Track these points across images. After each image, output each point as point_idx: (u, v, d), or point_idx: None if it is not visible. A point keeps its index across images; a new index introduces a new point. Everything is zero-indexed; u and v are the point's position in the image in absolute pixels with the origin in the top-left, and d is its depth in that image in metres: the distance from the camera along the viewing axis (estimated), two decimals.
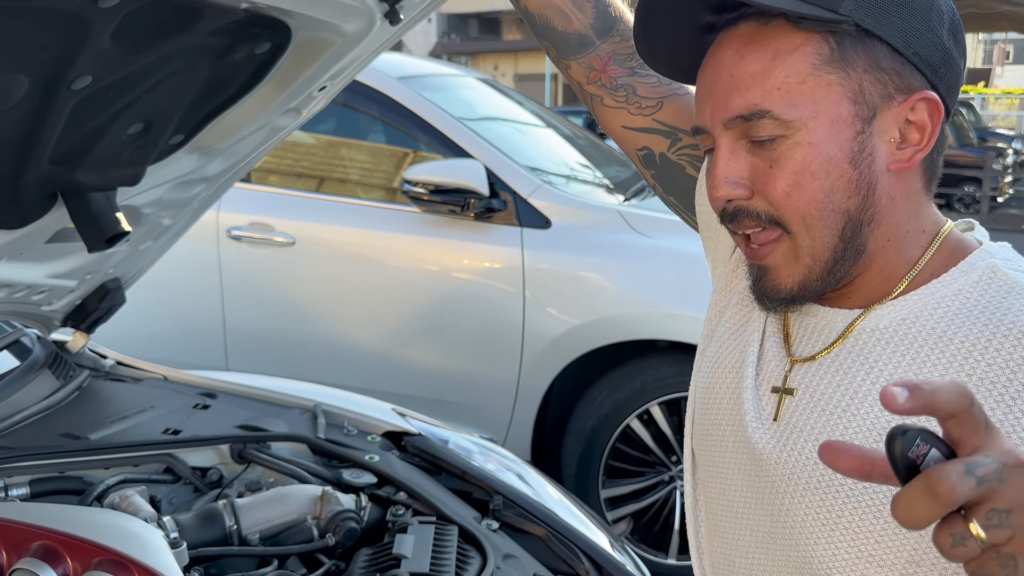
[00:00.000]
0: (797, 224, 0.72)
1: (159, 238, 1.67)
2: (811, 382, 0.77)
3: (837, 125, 0.70)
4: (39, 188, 1.19)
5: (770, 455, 0.78)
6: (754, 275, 0.77)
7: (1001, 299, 0.71)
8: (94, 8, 0.88)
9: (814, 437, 0.75)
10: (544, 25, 0.97)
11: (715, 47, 0.74)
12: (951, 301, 0.73)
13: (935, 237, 0.76)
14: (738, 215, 0.74)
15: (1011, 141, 13.58)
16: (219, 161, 1.46)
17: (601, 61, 0.96)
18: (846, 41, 0.69)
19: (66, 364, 1.73)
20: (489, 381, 2.79)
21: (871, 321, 0.76)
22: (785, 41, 0.70)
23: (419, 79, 3.15)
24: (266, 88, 1.28)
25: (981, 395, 0.68)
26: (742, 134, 0.72)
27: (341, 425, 1.67)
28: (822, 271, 0.73)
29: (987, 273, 0.73)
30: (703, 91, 0.74)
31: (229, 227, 2.99)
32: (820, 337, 0.79)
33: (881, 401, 0.46)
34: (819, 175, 0.70)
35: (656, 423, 2.64)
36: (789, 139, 0.70)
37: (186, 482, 1.51)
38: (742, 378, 0.83)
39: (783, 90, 0.69)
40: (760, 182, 0.72)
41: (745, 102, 0.70)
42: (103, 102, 1.07)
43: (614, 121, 0.98)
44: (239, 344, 3.05)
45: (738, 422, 0.82)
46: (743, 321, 0.87)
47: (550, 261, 2.72)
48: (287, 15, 1.10)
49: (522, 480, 1.64)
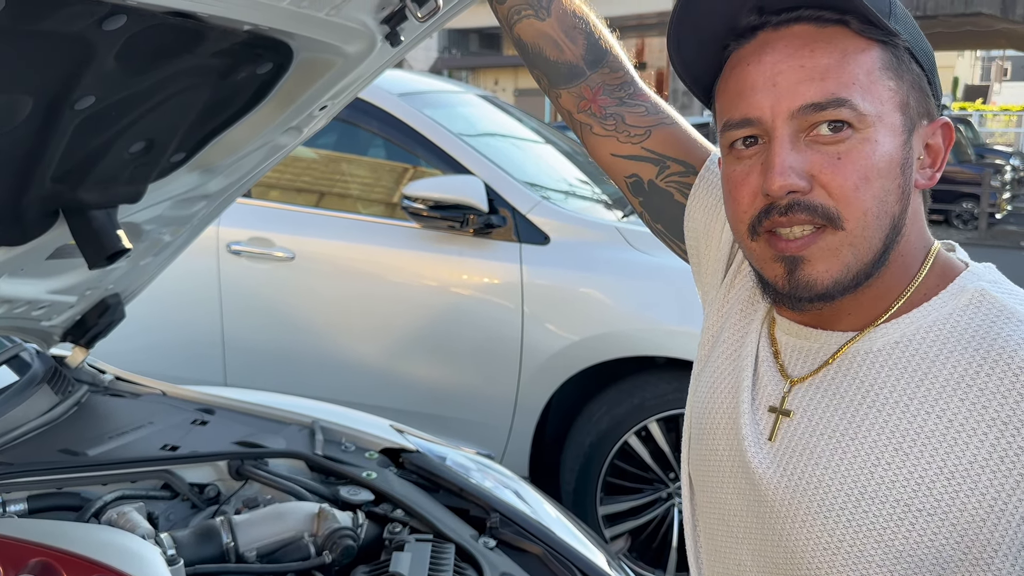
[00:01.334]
0: (856, 220, 0.71)
1: (159, 254, 1.67)
2: (808, 403, 0.78)
3: (894, 129, 0.72)
4: (41, 206, 1.20)
5: (769, 480, 0.78)
6: (783, 270, 0.74)
7: (991, 324, 0.72)
8: (98, 31, 0.89)
9: (813, 461, 0.75)
10: (536, 54, 0.99)
11: (762, 44, 0.74)
12: (943, 325, 0.74)
13: (927, 255, 0.78)
14: (793, 208, 0.72)
15: (1009, 158, 13.64)
16: (220, 178, 1.47)
17: (591, 91, 0.98)
18: (899, 55, 0.73)
19: (65, 379, 1.73)
20: (488, 396, 2.79)
21: (865, 343, 0.77)
22: (851, 43, 0.72)
23: (419, 96, 3.16)
24: (267, 107, 1.29)
25: (974, 420, 0.69)
26: (805, 127, 0.72)
27: (339, 442, 1.67)
28: (859, 271, 0.73)
29: (976, 296, 0.74)
30: (760, 82, 0.73)
31: (229, 242, 3.00)
32: (814, 358, 0.80)
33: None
34: (883, 174, 0.71)
35: (654, 440, 2.64)
36: (859, 134, 0.71)
37: (184, 498, 1.51)
38: (739, 402, 0.83)
39: (857, 85, 0.71)
40: (827, 175, 0.71)
41: (822, 90, 0.71)
42: (106, 121, 1.08)
43: (603, 149, 1.00)
44: (238, 358, 3.05)
45: (736, 446, 0.82)
46: (738, 346, 0.87)
47: (549, 277, 2.73)
48: (289, 36, 1.12)
49: (519, 498, 1.64)
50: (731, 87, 0.76)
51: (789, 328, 0.83)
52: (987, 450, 0.68)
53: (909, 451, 0.71)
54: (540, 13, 0.97)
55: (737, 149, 0.76)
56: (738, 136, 0.75)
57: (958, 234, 11.51)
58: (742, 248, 0.80)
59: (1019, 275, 4.10)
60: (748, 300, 0.89)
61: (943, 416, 0.70)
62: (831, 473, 0.74)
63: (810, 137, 0.72)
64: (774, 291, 0.77)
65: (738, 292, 0.90)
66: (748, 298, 0.89)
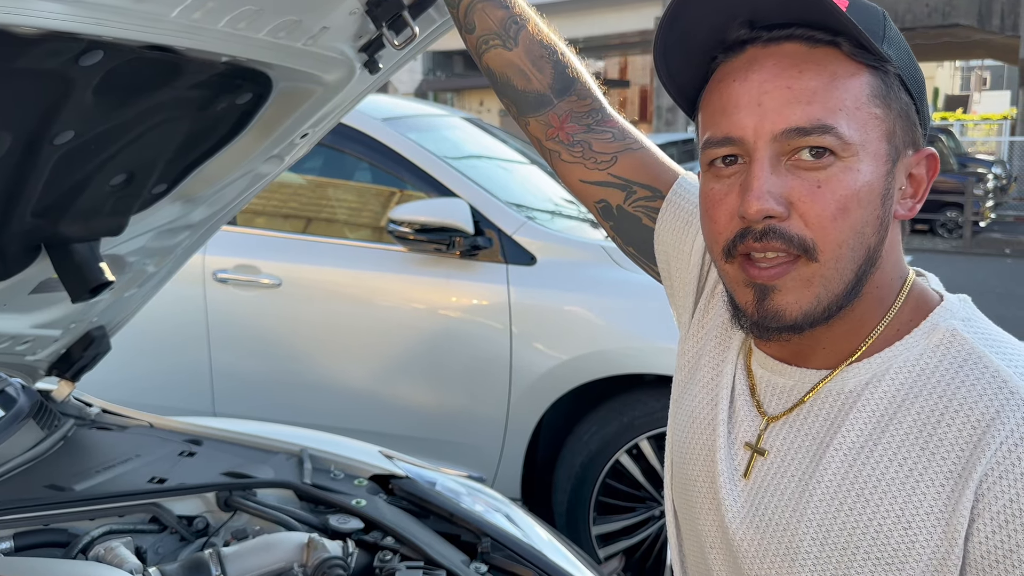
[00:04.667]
0: (831, 252, 0.70)
1: (143, 285, 1.67)
2: (782, 443, 0.78)
3: (878, 158, 0.71)
4: (22, 241, 1.20)
5: (734, 519, 0.78)
6: (753, 296, 0.73)
7: (957, 369, 0.71)
8: (76, 66, 0.89)
9: (783, 503, 0.75)
10: (505, 83, 1.00)
11: (750, 60, 0.72)
12: (912, 366, 0.73)
13: (903, 286, 0.78)
14: (768, 235, 0.70)
15: (991, 166, 13.77)
16: (203, 208, 1.47)
17: (559, 119, 0.98)
18: (889, 82, 0.71)
19: (51, 413, 1.72)
20: (478, 418, 2.79)
21: (837, 383, 0.76)
22: (841, 67, 0.70)
23: (403, 120, 3.18)
24: (248, 137, 1.30)
25: (932, 470, 0.69)
26: (787, 150, 0.70)
27: (328, 470, 1.66)
28: (830, 303, 0.72)
29: (947, 337, 0.73)
30: (745, 100, 0.71)
31: (215, 270, 3.00)
32: (787, 396, 0.79)
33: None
34: (863, 204, 0.70)
35: (646, 458, 2.64)
36: (841, 162, 0.69)
37: (172, 531, 1.50)
38: (715, 435, 0.83)
39: (844, 111, 0.69)
40: (805, 203, 0.69)
41: (807, 115, 0.68)
42: (85, 155, 1.09)
43: (572, 175, 1.00)
44: (226, 386, 3.03)
45: (712, 480, 0.82)
46: (715, 374, 0.87)
47: (536, 297, 2.73)
48: (267, 67, 1.12)
49: (511, 521, 1.63)
50: (715, 102, 0.74)
51: (765, 362, 0.82)
52: (943, 501, 0.68)
53: (870, 497, 0.71)
54: (508, 43, 0.98)
55: (717, 167, 0.74)
56: (719, 154, 0.74)
57: (943, 243, 11.60)
58: (717, 268, 0.78)
59: (1005, 283, 4.16)
60: (724, 327, 0.88)
61: (904, 464, 0.70)
62: (797, 516, 0.74)
63: (791, 161, 0.70)
64: (744, 317, 0.75)
65: (713, 318, 0.90)
66: (724, 324, 0.88)
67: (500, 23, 0.98)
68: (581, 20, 21.08)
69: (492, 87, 1.02)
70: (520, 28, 0.98)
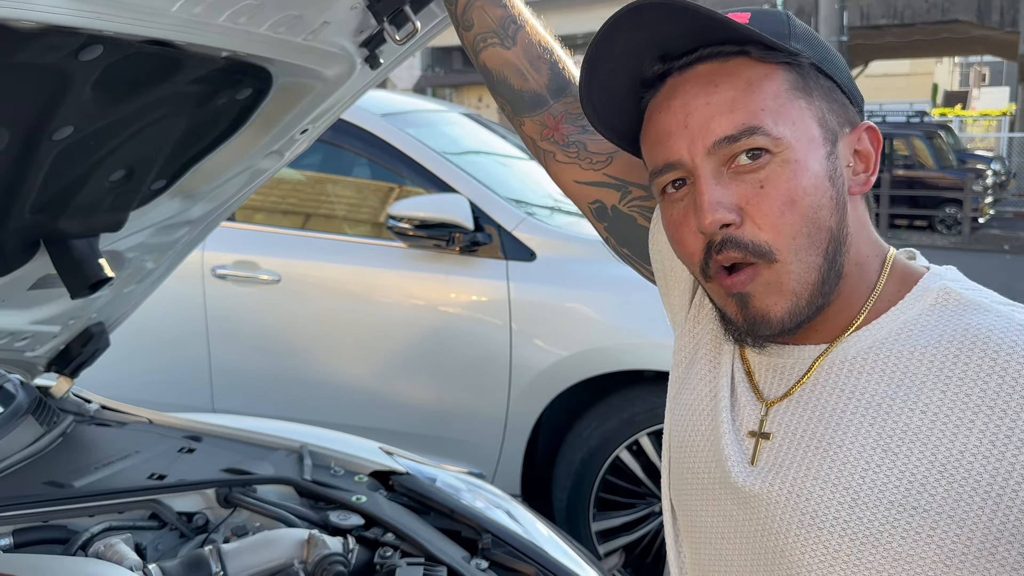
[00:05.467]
0: (787, 248, 0.72)
1: (143, 281, 1.66)
2: (788, 421, 0.78)
3: (813, 144, 0.73)
4: (21, 237, 1.19)
5: (759, 495, 0.77)
6: (737, 307, 0.75)
7: (959, 316, 0.73)
8: (75, 61, 0.89)
9: (802, 474, 0.75)
10: (501, 83, 1.00)
11: (671, 89, 0.76)
12: (912, 325, 0.75)
13: (884, 262, 0.79)
14: (726, 245, 0.73)
15: (990, 162, 13.78)
16: (202, 204, 1.47)
17: (554, 119, 0.99)
18: (805, 73, 0.75)
19: (50, 410, 1.71)
20: (477, 415, 2.79)
21: (839, 353, 0.77)
22: (753, 71, 0.73)
23: (402, 115, 3.17)
24: (248, 132, 1.29)
25: (959, 409, 0.69)
26: (725, 159, 0.72)
27: (328, 466, 1.66)
28: (811, 295, 0.73)
29: (941, 295, 0.75)
30: (673, 126, 0.75)
31: (214, 266, 2.99)
32: (788, 375, 0.79)
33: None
34: (809, 191, 0.72)
35: (646, 454, 2.63)
36: (777, 157, 0.71)
37: (172, 528, 1.49)
38: (718, 424, 0.82)
39: (766, 111, 0.72)
40: (752, 205, 0.72)
41: (732, 122, 0.72)
42: (85, 151, 1.08)
43: (566, 175, 1.01)
44: (225, 382, 3.03)
45: (720, 468, 0.81)
46: (712, 367, 0.87)
47: (536, 293, 2.73)
48: (267, 62, 1.12)
49: (511, 517, 1.63)
50: (650, 137, 0.78)
51: (761, 346, 0.82)
52: (976, 437, 0.68)
53: (898, 451, 0.71)
54: (506, 42, 0.98)
55: (669, 193, 0.77)
56: (666, 181, 0.77)
57: (942, 239, 11.60)
58: (703, 289, 0.81)
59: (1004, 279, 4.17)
60: (719, 322, 0.88)
61: (927, 411, 0.70)
62: (820, 484, 0.74)
63: (732, 169, 0.73)
64: (736, 328, 0.77)
65: (708, 313, 0.90)
66: (719, 319, 0.88)
67: (498, 21, 0.98)
68: (582, 15, 21.04)
69: (487, 85, 1.02)
70: (519, 28, 0.99)
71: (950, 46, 22.43)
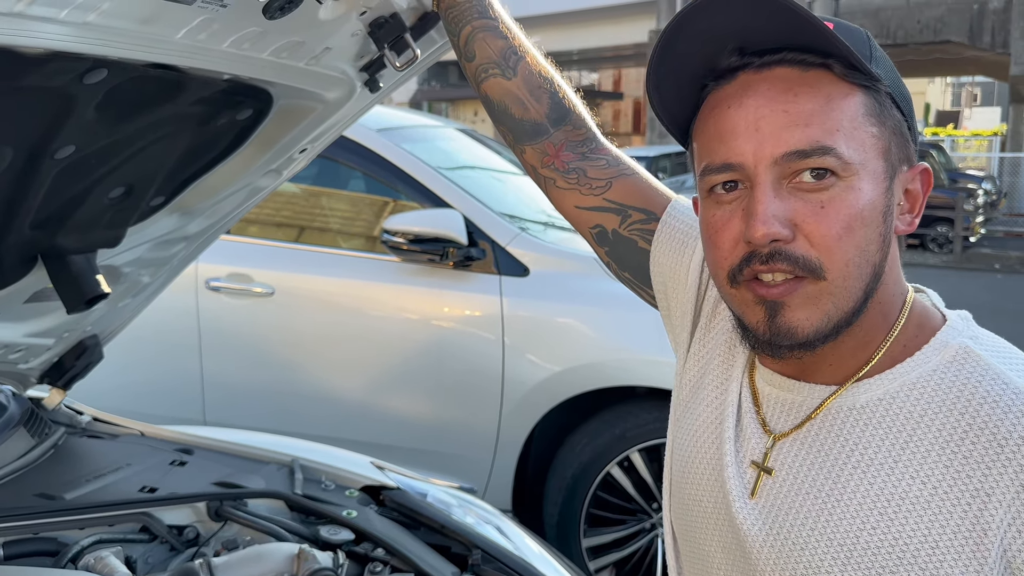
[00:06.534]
0: (838, 271, 0.70)
1: (138, 295, 1.67)
2: (792, 461, 0.77)
3: (877, 177, 0.72)
4: (20, 251, 1.20)
5: (755, 539, 0.77)
6: (764, 314, 0.73)
7: (976, 385, 0.71)
8: (79, 84, 0.90)
9: (800, 521, 0.75)
10: (503, 112, 1.01)
11: (744, 85, 0.73)
12: (926, 382, 0.73)
13: (904, 302, 0.78)
14: (774, 257, 0.70)
15: (981, 182, 13.88)
16: (199, 220, 1.48)
17: (554, 147, 1.00)
18: (881, 100, 0.73)
19: (42, 421, 1.72)
20: (469, 429, 2.79)
21: (847, 399, 0.76)
22: (835, 88, 0.71)
23: (398, 131, 3.19)
24: (247, 151, 1.31)
25: (958, 488, 0.69)
26: (788, 173, 0.70)
27: (319, 480, 1.67)
28: (839, 320, 0.72)
29: (961, 353, 0.74)
30: (742, 125, 0.71)
31: (208, 278, 3.00)
32: (796, 412, 0.79)
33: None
34: (866, 222, 0.70)
35: (637, 470, 2.65)
36: (843, 182, 0.70)
37: (162, 541, 1.50)
38: (722, 453, 0.82)
39: (841, 132, 0.70)
40: (809, 224, 0.70)
41: (806, 137, 0.69)
42: (85, 169, 1.10)
43: (567, 201, 1.02)
44: (218, 396, 3.03)
45: (722, 499, 0.81)
46: (719, 393, 0.86)
47: (529, 308, 2.74)
48: (269, 84, 1.14)
49: (501, 533, 1.64)
50: (711, 129, 0.75)
51: (771, 379, 0.81)
52: (971, 520, 0.68)
53: (894, 517, 0.70)
54: (507, 73, 1.00)
55: (717, 193, 0.74)
56: (718, 180, 0.74)
57: (934, 258, 11.67)
58: (721, 293, 0.78)
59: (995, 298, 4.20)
60: (728, 345, 0.88)
61: (927, 482, 0.70)
62: (817, 535, 0.73)
63: (792, 184, 0.71)
64: (754, 337, 0.75)
65: (716, 336, 0.90)
66: (727, 343, 0.88)
67: (500, 53, 1.00)
68: (577, 32, 21.14)
69: (489, 114, 1.04)
70: (519, 59, 1.00)
71: (942, 66, 22.58)
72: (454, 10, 1.01)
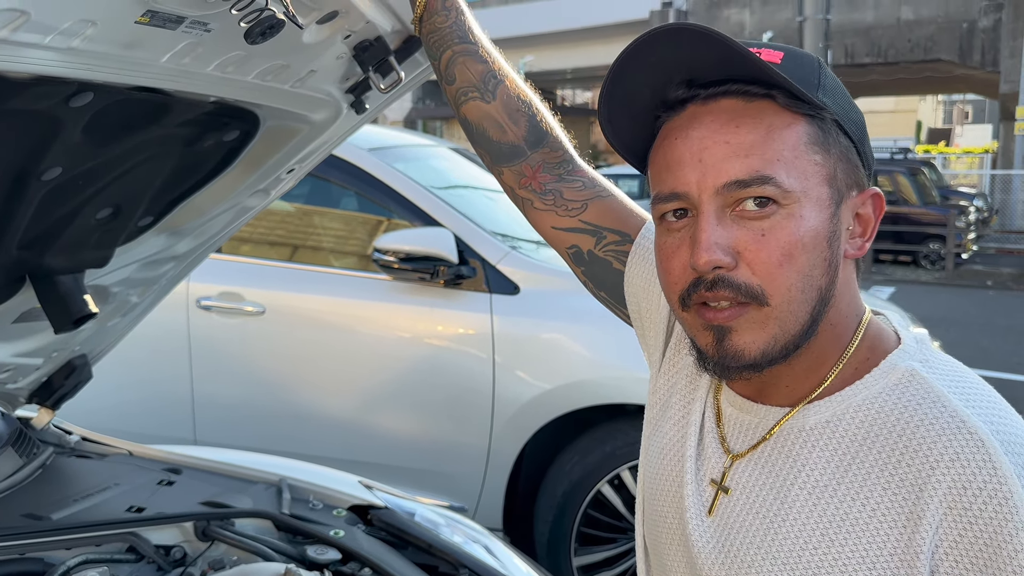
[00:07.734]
0: (780, 296, 0.72)
1: (127, 315, 1.68)
2: (746, 480, 0.79)
3: (820, 203, 0.73)
4: (7, 272, 1.21)
5: (707, 557, 0.79)
6: (712, 338, 0.75)
7: (916, 407, 0.73)
8: (66, 107, 0.91)
9: (748, 540, 0.77)
10: (480, 134, 1.03)
11: (691, 118, 0.75)
12: (871, 405, 0.75)
13: (859, 324, 0.80)
14: (717, 284, 0.73)
15: (972, 199, 13.98)
16: (188, 240, 1.49)
17: (532, 169, 1.02)
18: (826, 128, 0.74)
19: (30, 441, 1.72)
20: (460, 448, 2.79)
21: (798, 420, 0.78)
22: (777, 118, 0.73)
23: (390, 150, 3.21)
24: (235, 172, 1.32)
25: (895, 510, 0.70)
26: (730, 202, 0.72)
27: (306, 499, 1.67)
28: (787, 342, 0.74)
29: (906, 376, 0.75)
30: (687, 156, 0.74)
31: (199, 297, 3.00)
32: (752, 433, 0.81)
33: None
34: (808, 249, 0.72)
35: (627, 488, 2.64)
36: (784, 210, 0.72)
37: (149, 561, 1.49)
38: (683, 471, 0.84)
39: (782, 161, 0.72)
40: (751, 252, 0.72)
41: (746, 167, 0.71)
42: (73, 191, 1.10)
43: (544, 222, 1.04)
44: (208, 414, 3.02)
45: (680, 516, 0.83)
46: (685, 412, 0.89)
47: (519, 327, 2.75)
48: (255, 106, 1.15)
49: (489, 553, 1.64)
50: (660, 160, 0.77)
51: (733, 399, 0.84)
52: (904, 543, 0.69)
53: (834, 538, 0.72)
54: (486, 96, 1.02)
55: (668, 221, 0.77)
56: (668, 209, 0.77)
57: (926, 274, 11.72)
58: (676, 316, 0.81)
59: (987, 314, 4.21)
60: (694, 365, 0.89)
61: (867, 504, 0.71)
62: (763, 554, 0.75)
63: (736, 212, 0.73)
64: (706, 359, 0.77)
65: (684, 357, 0.92)
66: (694, 363, 0.89)
67: (479, 76, 1.01)
68: (570, 51, 21.30)
69: (467, 137, 1.06)
70: (499, 83, 1.02)
71: (933, 84, 22.79)
72: (435, 35, 1.03)
